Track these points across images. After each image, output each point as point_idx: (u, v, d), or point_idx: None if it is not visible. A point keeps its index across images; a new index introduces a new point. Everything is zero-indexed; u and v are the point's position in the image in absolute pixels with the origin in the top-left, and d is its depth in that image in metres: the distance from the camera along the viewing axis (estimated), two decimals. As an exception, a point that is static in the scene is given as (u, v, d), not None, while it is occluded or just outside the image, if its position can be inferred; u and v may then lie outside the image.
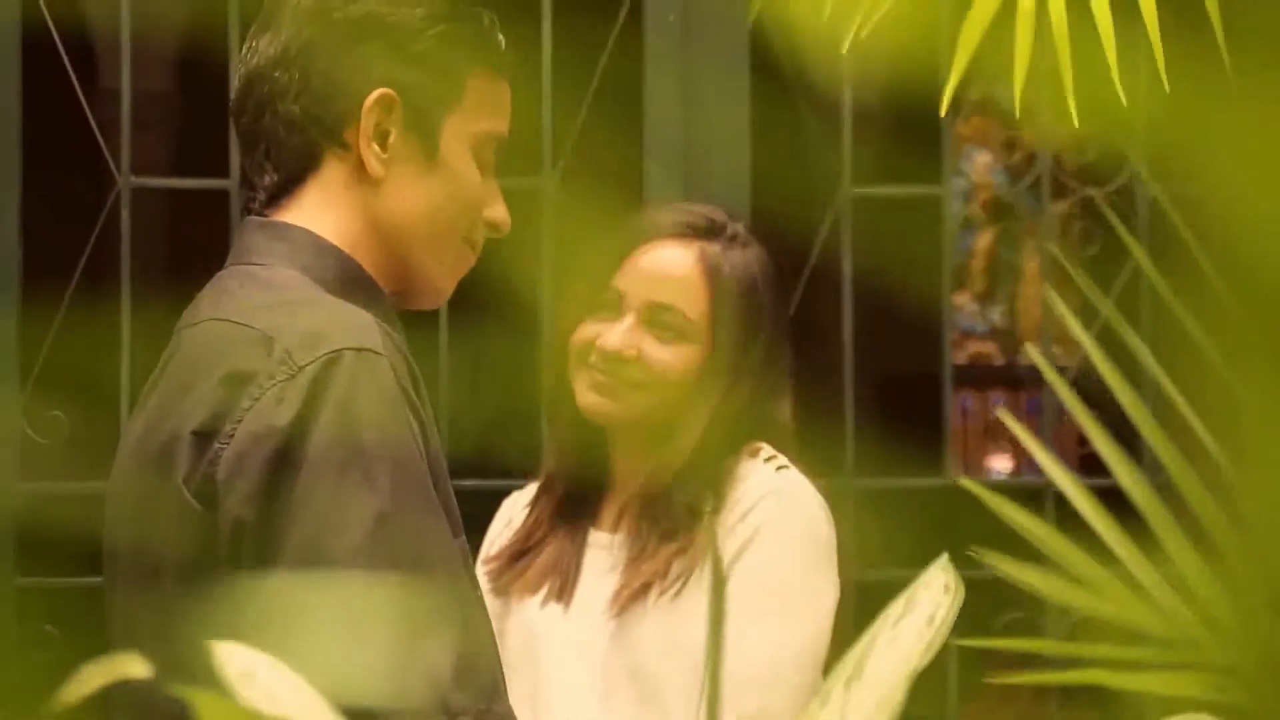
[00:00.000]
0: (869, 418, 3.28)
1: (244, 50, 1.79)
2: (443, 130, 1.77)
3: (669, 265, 2.35)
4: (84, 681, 0.69)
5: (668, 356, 2.34)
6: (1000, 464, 5.82)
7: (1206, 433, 0.91)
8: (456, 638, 1.59)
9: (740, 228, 2.40)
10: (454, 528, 1.67)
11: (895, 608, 1.02)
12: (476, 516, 2.50)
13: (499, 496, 2.55)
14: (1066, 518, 1.06)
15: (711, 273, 2.35)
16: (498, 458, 2.54)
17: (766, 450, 2.35)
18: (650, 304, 2.34)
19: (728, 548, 2.28)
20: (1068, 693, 3.21)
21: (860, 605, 2.49)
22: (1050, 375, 0.97)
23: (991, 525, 1.09)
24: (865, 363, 3.27)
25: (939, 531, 1.13)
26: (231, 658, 0.80)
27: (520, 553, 2.40)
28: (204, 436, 1.62)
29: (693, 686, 2.25)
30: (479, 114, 1.79)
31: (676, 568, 2.28)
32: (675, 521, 2.30)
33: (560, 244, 3.22)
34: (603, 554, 2.37)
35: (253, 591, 1.57)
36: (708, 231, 2.37)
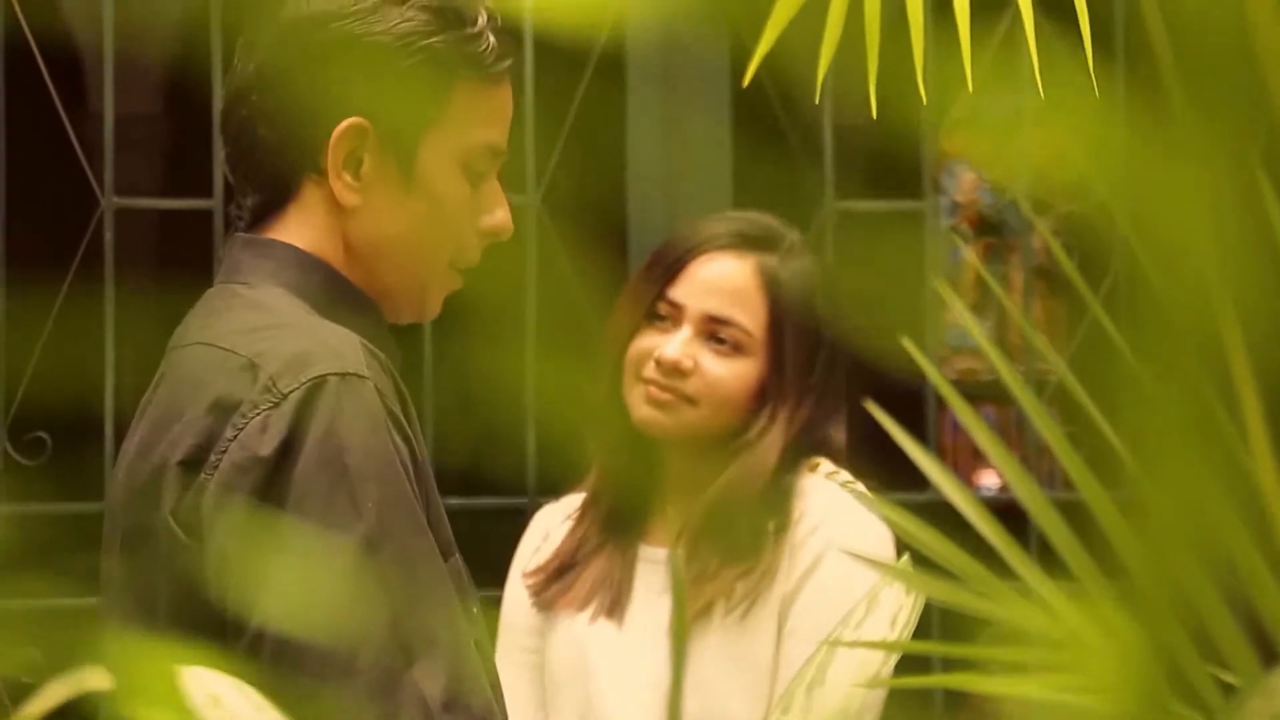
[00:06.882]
0: (856, 433, 3.27)
1: (232, 64, 1.76)
2: (420, 152, 1.72)
3: (726, 277, 2.29)
4: (48, 696, 0.68)
5: (723, 371, 2.28)
6: (989, 479, 5.80)
7: (1121, 445, 0.91)
8: (447, 662, 1.58)
9: (796, 237, 2.35)
10: (445, 548, 1.66)
11: (857, 611, 1.01)
12: (462, 536, 2.49)
13: (484, 515, 2.54)
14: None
15: (770, 285, 2.29)
16: (484, 476, 2.53)
17: (826, 465, 2.31)
18: (707, 316, 2.28)
19: (797, 563, 2.24)
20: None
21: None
22: (935, 378, 0.96)
23: (976, 541, 1.08)
24: (852, 377, 3.27)
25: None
26: (198, 682, 0.80)
27: (566, 567, 2.35)
28: (190, 467, 1.61)
29: (758, 704, 2.22)
30: (467, 125, 1.73)
31: (741, 588, 2.24)
32: (739, 541, 2.25)
33: (544, 260, 3.21)
34: (658, 569, 2.32)
35: (242, 621, 1.56)
36: (764, 242, 2.32)
